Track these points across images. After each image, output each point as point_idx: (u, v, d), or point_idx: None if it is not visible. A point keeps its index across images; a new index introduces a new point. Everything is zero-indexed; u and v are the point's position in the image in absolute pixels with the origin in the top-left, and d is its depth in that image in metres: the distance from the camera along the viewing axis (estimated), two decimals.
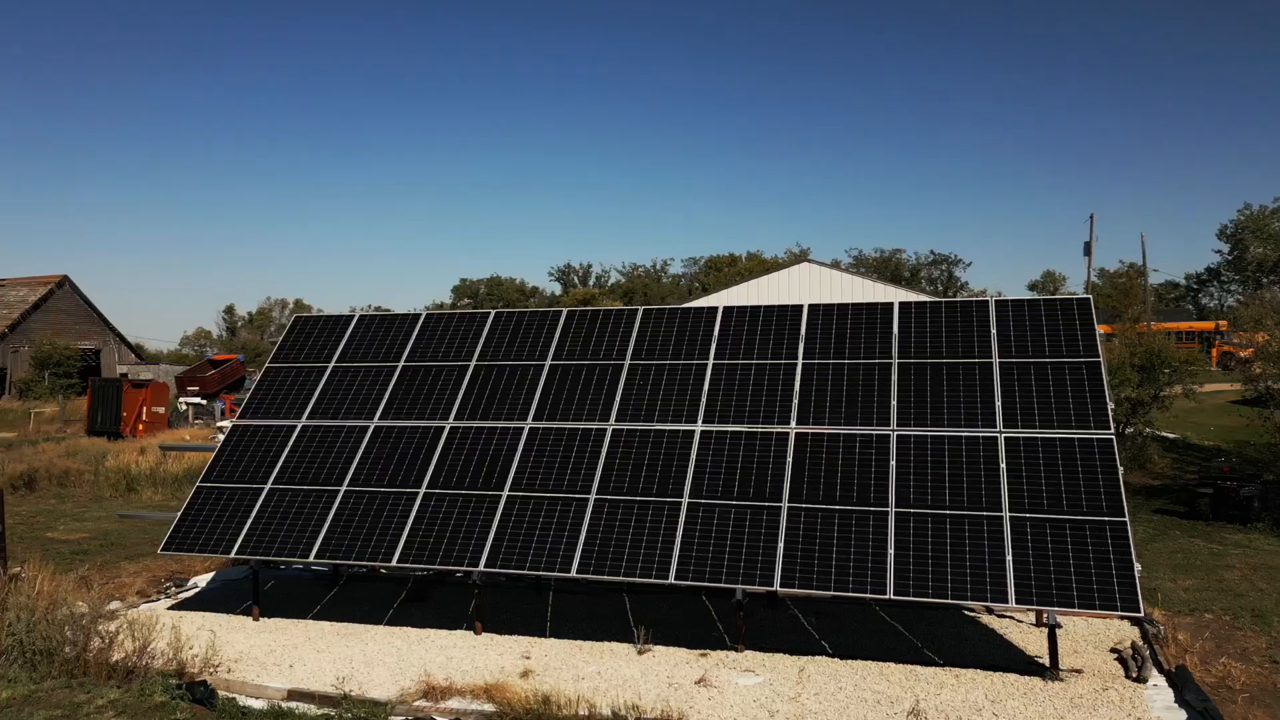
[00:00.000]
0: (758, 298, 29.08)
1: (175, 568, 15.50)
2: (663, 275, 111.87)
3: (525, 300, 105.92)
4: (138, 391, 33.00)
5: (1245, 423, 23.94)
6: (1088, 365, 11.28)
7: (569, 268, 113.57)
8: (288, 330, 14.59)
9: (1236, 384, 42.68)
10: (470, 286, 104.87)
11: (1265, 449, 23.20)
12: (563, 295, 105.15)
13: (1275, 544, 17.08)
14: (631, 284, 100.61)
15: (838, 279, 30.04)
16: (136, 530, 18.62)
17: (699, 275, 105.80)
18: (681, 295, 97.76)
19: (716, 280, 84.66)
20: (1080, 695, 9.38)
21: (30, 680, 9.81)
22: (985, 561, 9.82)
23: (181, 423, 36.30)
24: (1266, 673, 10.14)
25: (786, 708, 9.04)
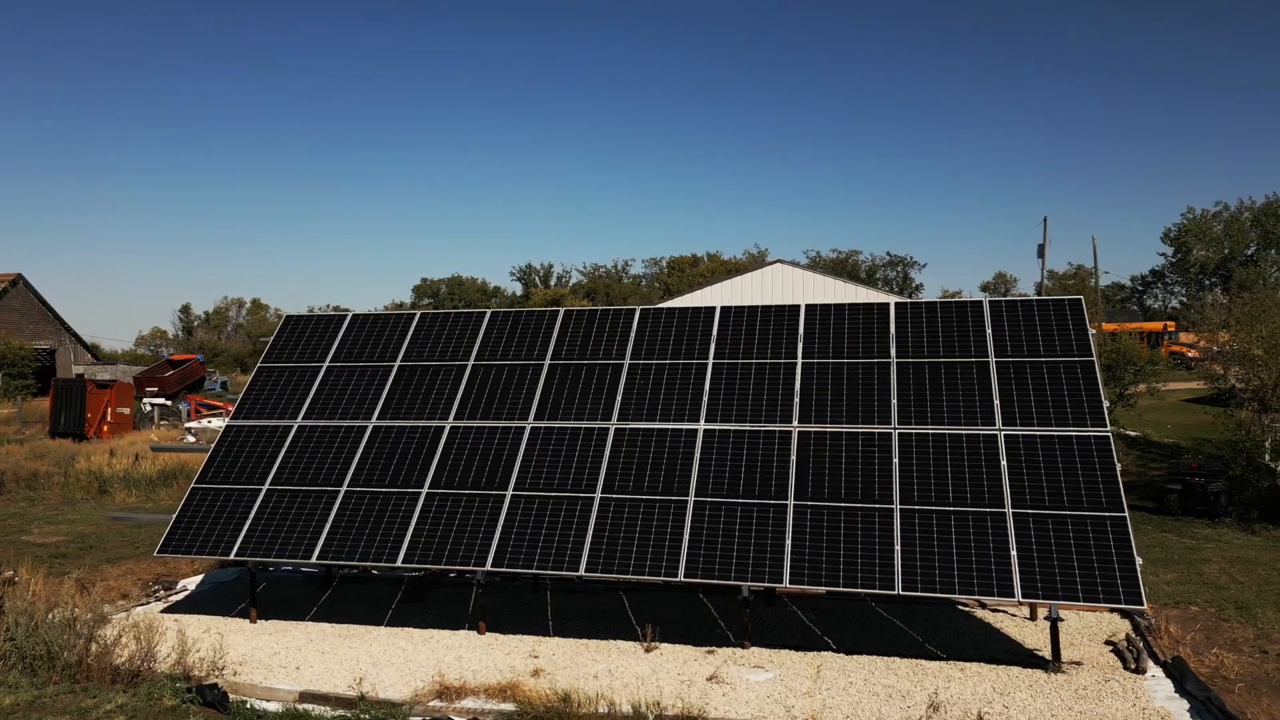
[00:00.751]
0: (733, 298, 29.24)
1: (161, 570, 15.28)
2: (624, 275, 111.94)
3: (487, 300, 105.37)
4: (102, 392, 32.34)
5: (1209, 420, 24.56)
6: (1082, 364, 11.54)
7: (530, 268, 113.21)
8: (279, 330, 14.44)
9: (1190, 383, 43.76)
10: (431, 286, 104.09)
11: (1225, 446, 23.82)
12: (523, 296, 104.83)
13: (1244, 538, 17.57)
14: (593, 284, 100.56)
15: (810, 279, 30.33)
16: (115, 533, 18.30)
17: (660, 276, 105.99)
18: (644, 296, 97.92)
19: (680, 281, 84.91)
20: (1084, 687, 9.60)
21: (32, 686, 9.64)
22: (990, 557, 10.01)
23: (146, 424, 35.65)
24: (1258, 662, 10.45)
25: (802, 703, 9.16)
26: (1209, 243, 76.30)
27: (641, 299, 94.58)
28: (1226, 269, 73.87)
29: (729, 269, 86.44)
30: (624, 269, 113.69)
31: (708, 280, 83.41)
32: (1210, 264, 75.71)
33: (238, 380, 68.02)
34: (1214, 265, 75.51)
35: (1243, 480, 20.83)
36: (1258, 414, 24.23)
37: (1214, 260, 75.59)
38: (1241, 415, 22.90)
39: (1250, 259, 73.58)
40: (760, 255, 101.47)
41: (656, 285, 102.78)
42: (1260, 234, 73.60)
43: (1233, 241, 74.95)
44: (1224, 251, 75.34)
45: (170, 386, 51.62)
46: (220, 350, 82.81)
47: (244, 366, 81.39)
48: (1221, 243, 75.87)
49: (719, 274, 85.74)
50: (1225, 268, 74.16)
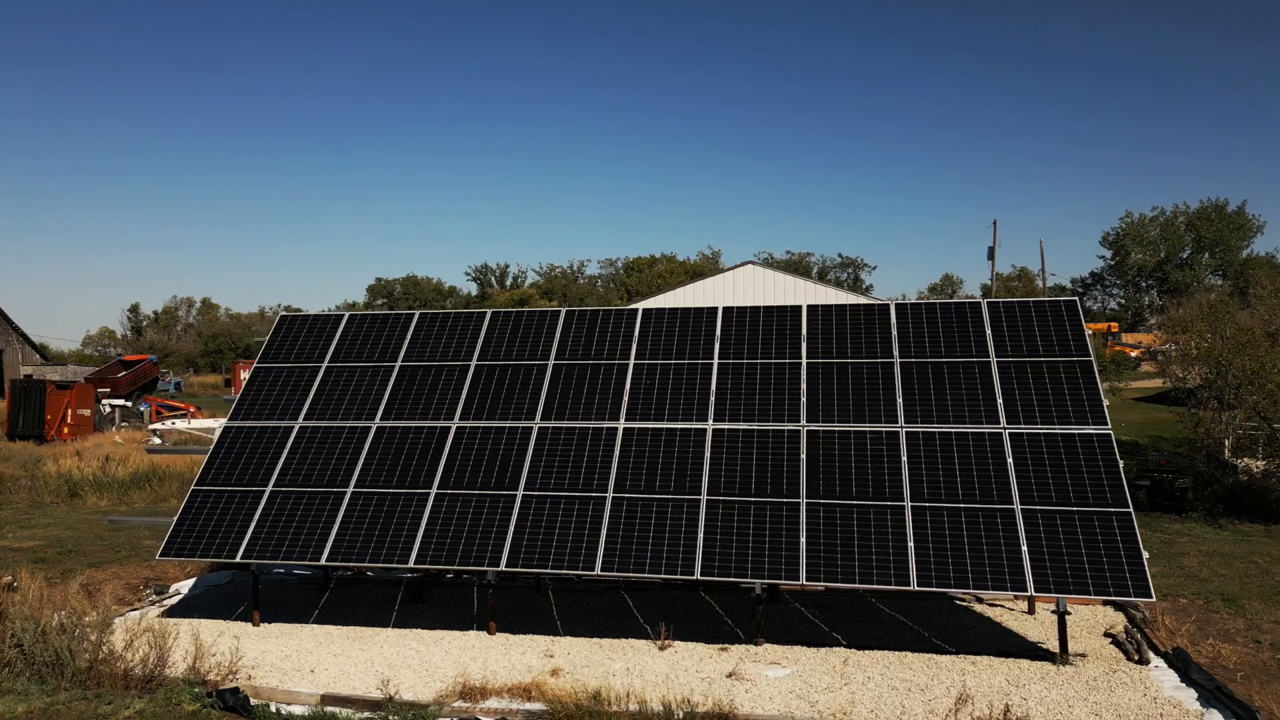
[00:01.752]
0: (706, 298, 29.35)
1: (148, 574, 14.99)
2: (579, 276, 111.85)
3: (443, 300, 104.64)
4: (62, 393, 31.55)
5: (1165, 418, 25.24)
6: (1080, 364, 11.83)
7: (486, 268, 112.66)
8: (274, 330, 14.25)
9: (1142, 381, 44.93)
10: (386, 286, 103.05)
11: (1184, 443, 24.51)
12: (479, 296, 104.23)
13: (1214, 532, 18.10)
14: (550, 284, 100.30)
15: (781, 280, 30.58)
16: (93, 536, 17.91)
17: (617, 276, 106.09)
18: (601, 297, 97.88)
19: (639, 282, 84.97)
20: (1093, 678, 9.85)
21: (42, 693, 9.42)
22: (1002, 552, 10.23)
23: (106, 426, 34.86)
24: (1253, 652, 10.80)
25: (826, 698, 9.28)
26: (1146, 246, 78.30)
27: (599, 300, 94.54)
28: (1163, 271, 75.92)
29: (687, 270, 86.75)
30: (580, 269, 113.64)
31: (667, 281, 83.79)
32: (1147, 267, 77.70)
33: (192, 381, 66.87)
34: (1151, 268, 77.52)
35: (1208, 477, 21.45)
36: (1217, 412, 25.01)
37: (1151, 263, 77.61)
38: (1202, 415, 23.60)
39: (1185, 262, 75.70)
40: (715, 256, 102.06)
41: (612, 286, 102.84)
42: (1194, 238, 75.76)
43: (1169, 245, 77.01)
44: (1160, 254, 77.39)
45: (123, 387, 50.47)
46: (171, 350, 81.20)
47: (196, 367, 79.99)
48: (1158, 246, 77.89)
49: (677, 275, 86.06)
50: (1162, 270, 76.20)
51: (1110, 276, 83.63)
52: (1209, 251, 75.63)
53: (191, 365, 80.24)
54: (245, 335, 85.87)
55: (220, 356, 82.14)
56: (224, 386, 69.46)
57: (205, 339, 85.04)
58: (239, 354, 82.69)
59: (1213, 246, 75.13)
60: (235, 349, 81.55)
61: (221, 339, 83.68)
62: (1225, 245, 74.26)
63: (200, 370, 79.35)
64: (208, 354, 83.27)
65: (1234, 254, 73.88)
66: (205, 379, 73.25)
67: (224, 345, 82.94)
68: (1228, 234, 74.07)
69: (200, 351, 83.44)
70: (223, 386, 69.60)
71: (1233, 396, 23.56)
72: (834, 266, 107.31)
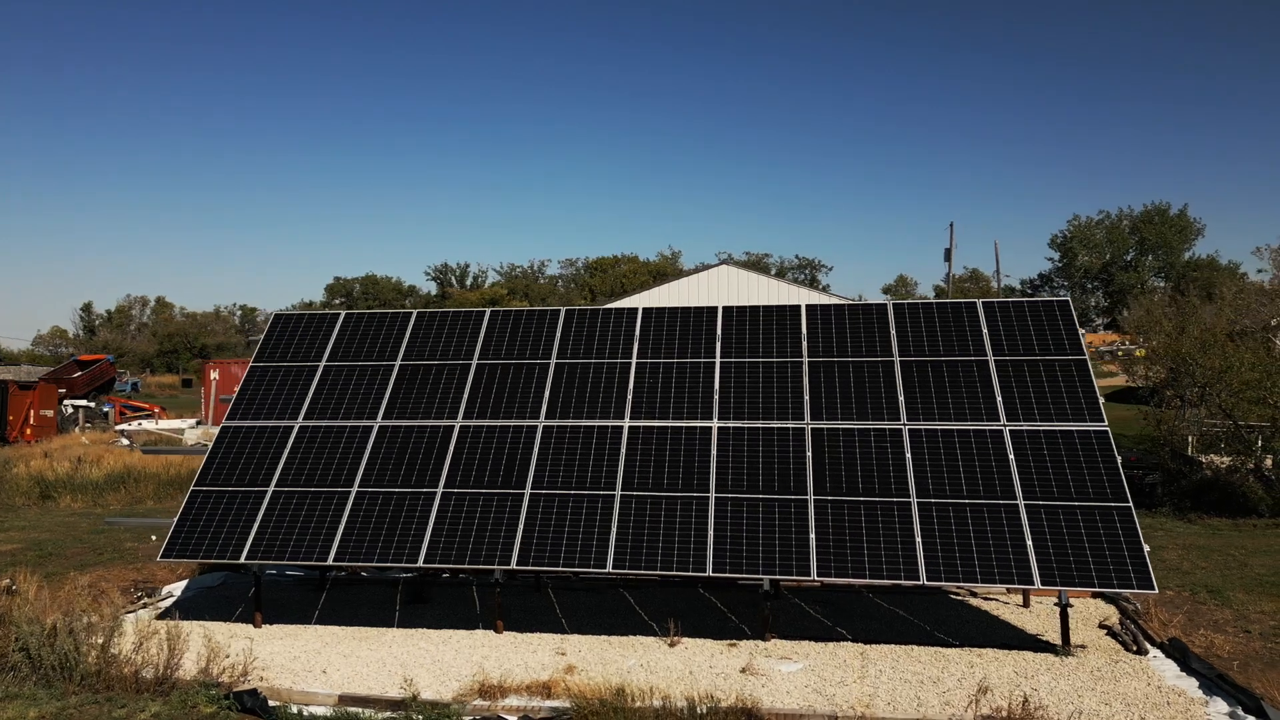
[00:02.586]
0: (682, 298, 29.49)
1: (136, 576, 14.78)
2: (540, 276, 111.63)
3: (402, 300, 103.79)
4: (25, 394, 30.84)
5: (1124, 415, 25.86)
6: (1076, 362, 12.11)
7: (446, 267, 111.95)
8: (269, 328, 14.11)
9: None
10: (345, 285, 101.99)
11: (1145, 440, 25.11)
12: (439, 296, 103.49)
13: (1185, 526, 18.59)
14: (512, 284, 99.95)
15: (755, 280, 30.83)
16: (72, 539, 17.61)
17: (577, 277, 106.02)
18: (563, 297, 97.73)
19: (603, 282, 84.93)
20: (1097, 669, 10.10)
21: (51, 698, 9.28)
22: (1008, 546, 10.45)
23: (70, 426, 34.14)
24: (1244, 641, 11.14)
25: (842, 692, 9.42)
26: (1092, 248, 80.00)
27: (561, 300, 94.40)
28: (1108, 273, 77.63)
29: (650, 271, 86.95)
30: (541, 269, 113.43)
31: (631, 281, 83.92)
32: (1093, 268, 79.38)
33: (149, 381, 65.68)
34: (1097, 270, 79.21)
35: (1176, 472, 22.00)
36: (1180, 410, 25.66)
37: (1096, 265, 79.31)
38: (1164, 414, 24.22)
39: (1130, 264, 77.49)
40: (674, 257, 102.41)
41: (574, 286, 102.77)
42: (1138, 240, 77.55)
43: (1114, 247, 78.75)
44: (1106, 257, 79.11)
45: (79, 388, 49.44)
46: (126, 350, 79.61)
47: (152, 367, 78.54)
48: (1103, 248, 79.60)
49: (640, 275, 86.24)
50: (1107, 272, 77.92)
51: (1058, 278, 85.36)
52: (1152, 253, 77.46)
53: (147, 365, 78.74)
54: (201, 335, 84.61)
55: (176, 356, 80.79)
56: (182, 387, 68.35)
57: (161, 339, 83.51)
58: (196, 353, 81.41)
59: (1156, 249, 76.97)
60: (191, 349, 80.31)
61: (177, 339, 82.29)
62: (1168, 247, 76.10)
63: (156, 370, 77.88)
64: (163, 354, 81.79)
65: (1176, 256, 75.75)
66: (162, 379, 71.96)
67: (180, 345, 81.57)
68: (1170, 236, 75.91)
69: (156, 351, 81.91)
70: (180, 387, 68.48)
71: (1195, 395, 24.22)
72: (792, 268, 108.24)
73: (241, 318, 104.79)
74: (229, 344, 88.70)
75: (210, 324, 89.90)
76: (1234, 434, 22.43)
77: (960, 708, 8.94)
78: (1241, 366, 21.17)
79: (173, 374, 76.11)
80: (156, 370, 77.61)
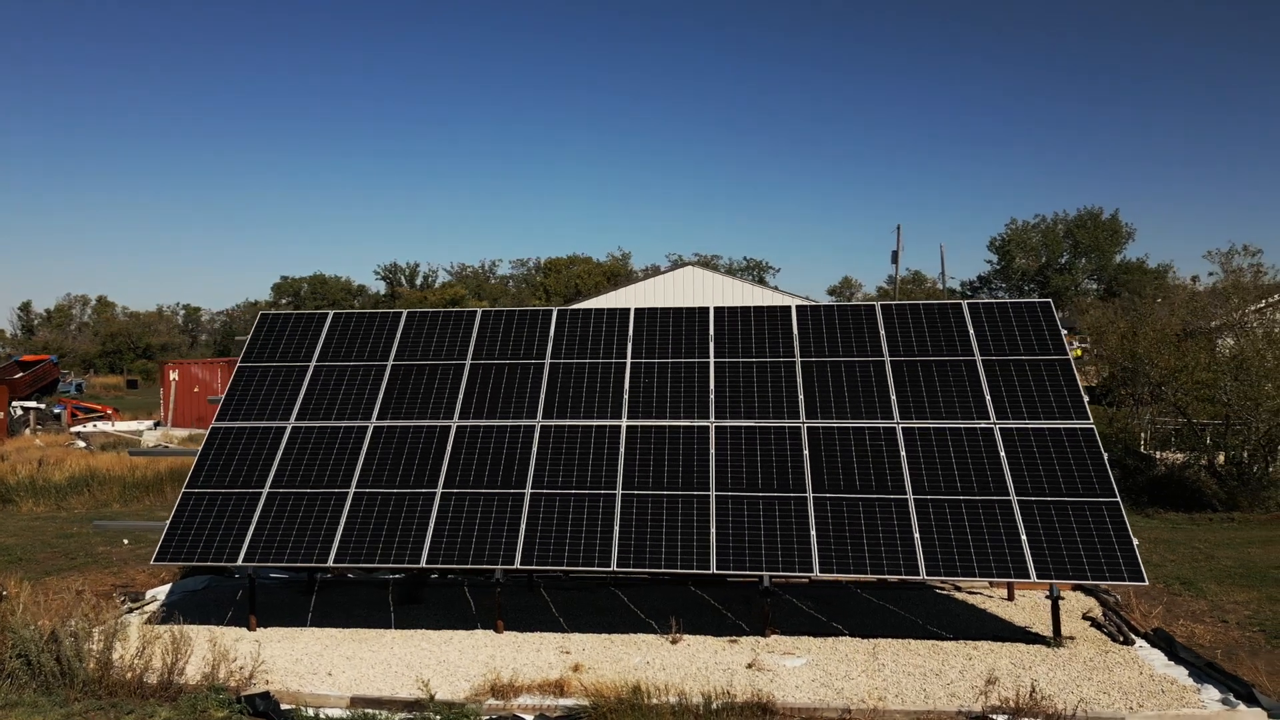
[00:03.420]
0: (648, 299, 29.63)
1: (114, 580, 14.50)
2: (491, 276, 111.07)
3: (351, 300, 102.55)
4: None
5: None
6: (1060, 363, 12.46)
7: (395, 266, 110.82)
8: (255, 328, 13.94)
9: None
10: (292, 285, 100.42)
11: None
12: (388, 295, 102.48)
13: (1144, 520, 19.16)
14: (463, 284, 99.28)
15: (719, 281, 31.09)
16: (40, 543, 17.22)
17: (530, 277, 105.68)
18: (514, 297, 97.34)
19: (557, 283, 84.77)
20: (1090, 659, 10.42)
21: (53, 705, 9.10)
22: (1003, 541, 10.74)
23: (20, 429, 33.22)
24: (1223, 631, 11.56)
25: (850, 686, 9.60)
26: (1028, 251, 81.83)
27: (514, 300, 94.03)
28: (1044, 275, 79.48)
29: (603, 272, 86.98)
30: (492, 269, 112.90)
31: (585, 282, 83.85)
32: (1030, 271, 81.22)
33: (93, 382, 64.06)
34: (1033, 272, 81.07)
35: (1133, 468, 22.66)
36: (1134, 408, 26.40)
37: (1033, 267, 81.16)
38: (1117, 413, 24.95)
39: (1064, 267, 79.44)
40: (625, 258, 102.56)
41: (526, 286, 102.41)
42: (1072, 244, 79.56)
43: (1049, 251, 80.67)
44: (1041, 260, 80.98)
45: (22, 389, 48.17)
46: (68, 350, 77.54)
47: (95, 368, 76.59)
48: (1039, 251, 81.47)
49: (594, 276, 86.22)
50: (1043, 274, 79.77)
51: (996, 280, 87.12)
52: (1085, 257, 79.43)
53: (90, 366, 76.78)
54: (145, 335, 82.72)
55: (120, 357, 78.90)
56: (127, 388, 66.80)
57: (104, 338, 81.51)
58: (140, 354, 79.62)
59: (1089, 252, 78.94)
60: (135, 349, 78.49)
61: (120, 338, 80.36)
62: (1100, 251, 78.09)
63: (99, 371, 75.97)
64: (106, 354, 79.81)
65: (1108, 259, 77.79)
66: (106, 380, 70.23)
67: (123, 345, 79.68)
68: (1102, 240, 77.91)
69: (99, 352, 79.91)
70: (125, 388, 66.92)
71: (1148, 393, 24.97)
72: (740, 269, 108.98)
73: (185, 317, 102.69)
74: (173, 344, 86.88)
75: (154, 324, 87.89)
76: (1187, 431, 23.14)
77: (965, 699, 9.17)
78: (1196, 366, 21.87)
79: (116, 374, 74.33)
80: (99, 371, 75.71)
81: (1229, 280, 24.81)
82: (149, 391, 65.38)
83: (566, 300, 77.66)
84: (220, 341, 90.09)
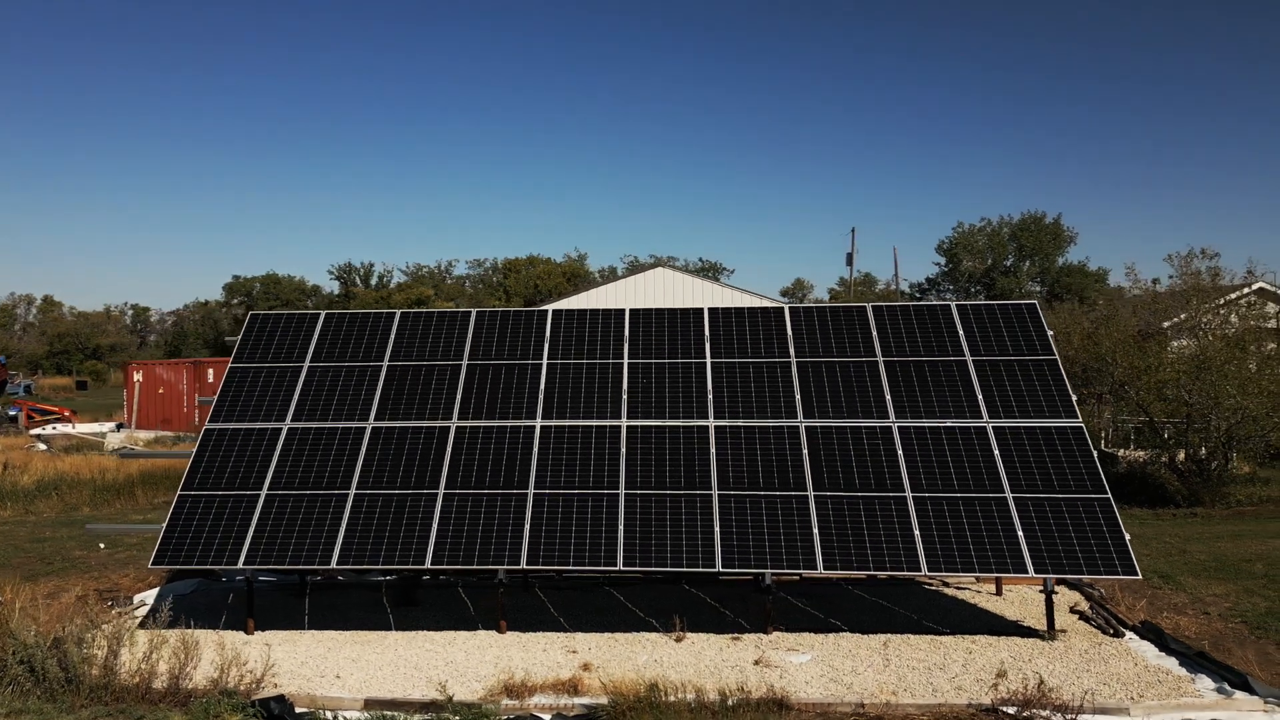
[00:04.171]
0: (620, 300, 29.69)
1: (96, 585, 14.23)
2: (447, 276, 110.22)
3: (305, 300, 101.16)
4: None
5: None
6: (1048, 363, 12.78)
7: (349, 266, 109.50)
8: (245, 329, 13.79)
9: None
10: (244, 284, 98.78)
11: None
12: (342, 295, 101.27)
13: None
14: (419, 283, 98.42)
15: (690, 283, 31.28)
16: (11, 548, 16.83)
17: (487, 277, 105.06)
18: (472, 298, 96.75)
19: (517, 283, 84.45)
20: (1084, 651, 10.71)
21: (60, 711, 8.95)
22: (1000, 537, 10.99)
23: None
24: (1206, 622, 11.93)
25: (858, 680, 9.77)
26: (975, 254, 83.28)
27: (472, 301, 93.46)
28: (990, 278, 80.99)
29: (563, 273, 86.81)
30: (448, 269, 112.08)
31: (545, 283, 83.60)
32: (976, 273, 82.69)
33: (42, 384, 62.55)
34: (980, 275, 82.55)
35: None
36: (1095, 407, 27.03)
37: (979, 270, 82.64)
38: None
39: (1009, 269, 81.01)
40: (581, 259, 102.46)
41: (483, 286, 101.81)
42: (1016, 247, 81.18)
43: (995, 253, 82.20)
44: (987, 262, 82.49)
45: None
46: (13, 350, 75.55)
47: (41, 369, 74.75)
48: (985, 254, 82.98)
49: (554, 276, 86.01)
50: (989, 276, 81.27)
51: (944, 282, 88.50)
52: (1030, 259, 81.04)
53: (37, 367, 74.92)
54: (94, 335, 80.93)
55: (67, 357, 77.11)
56: (76, 389, 65.34)
57: (51, 339, 79.61)
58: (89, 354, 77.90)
59: (1033, 255, 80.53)
60: (84, 349, 76.78)
61: (68, 339, 78.54)
62: (1043, 254, 79.70)
63: (46, 372, 74.17)
64: (53, 354, 77.95)
65: (1051, 262, 79.42)
66: (55, 381, 68.61)
67: (71, 345, 77.88)
68: (1046, 243, 79.52)
69: (46, 352, 78.02)
70: (75, 389, 65.44)
71: (1109, 392, 25.58)
72: (695, 270, 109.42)
73: (133, 317, 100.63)
74: (122, 344, 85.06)
75: (102, 324, 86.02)
76: (1150, 429, 23.75)
77: (973, 692, 9.38)
78: (1159, 366, 22.46)
79: (64, 375, 72.64)
80: (46, 372, 73.92)
81: (1189, 283, 25.47)
82: (99, 393, 64.03)
83: (528, 301, 77.43)
84: (170, 342, 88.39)
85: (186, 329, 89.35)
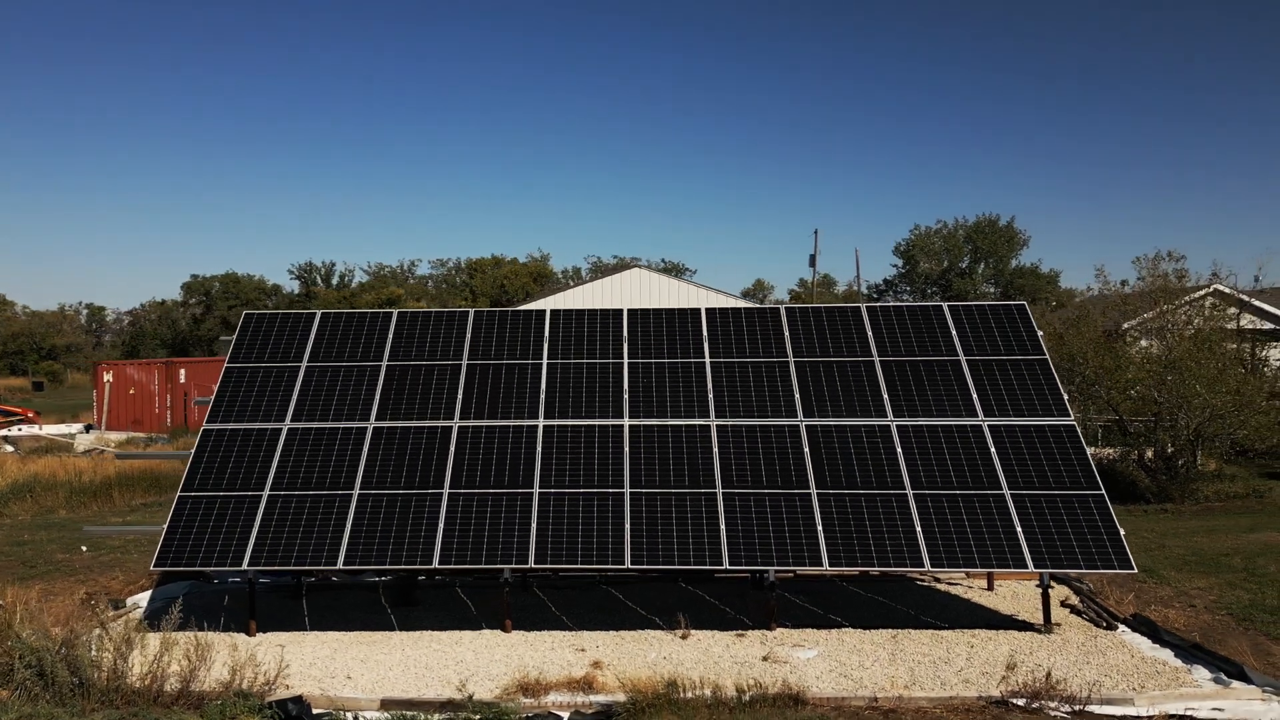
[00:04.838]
0: (597, 300, 29.75)
1: (84, 588, 14.02)
2: (410, 275, 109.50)
3: (265, 300, 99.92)
4: None
5: None
6: (1039, 362, 13.06)
7: (310, 265, 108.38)
8: (240, 328, 13.67)
9: None
10: (203, 284, 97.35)
11: None
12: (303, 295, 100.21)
13: None
14: (385, 283, 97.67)
15: (666, 283, 31.43)
16: None
17: (450, 277, 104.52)
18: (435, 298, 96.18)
19: (484, 283, 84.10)
20: (1082, 644, 10.98)
21: (71, 715, 8.85)
22: (1000, 533, 11.23)
23: None
24: (1194, 615, 12.26)
25: (867, 675, 9.94)
26: (931, 256, 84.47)
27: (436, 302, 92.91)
28: (946, 279, 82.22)
29: (529, 273, 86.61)
30: (410, 269, 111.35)
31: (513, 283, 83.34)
32: (933, 274, 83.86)
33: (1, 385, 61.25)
34: (936, 276, 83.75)
35: None
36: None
37: (936, 271, 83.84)
38: None
39: (965, 271, 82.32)
40: (544, 259, 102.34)
41: (446, 286, 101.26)
42: (972, 249, 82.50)
43: (951, 255, 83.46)
44: (944, 264, 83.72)
45: None
46: None
47: None
48: (941, 256, 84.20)
49: (520, 277, 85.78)
50: (945, 278, 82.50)
51: (902, 283, 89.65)
52: (984, 261, 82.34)
53: None
54: (49, 335, 79.35)
55: (21, 358, 75.53)
56: (33, 390, 64.04)
57: (4, 339, 77.94)
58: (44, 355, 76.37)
59: (987, 257, 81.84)
60: (39, 350, 75.28)
61: (22, 339, 76.94)
62: (997, 256, 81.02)
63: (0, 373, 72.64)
64: (7, 355, 76.34)
65: (1005, 264, 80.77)
66: (9, 382, 67.17)
67: (25, 346, 76.30)
68: (1000, 245, 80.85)
69: None
70: (31, 390, 64.13)
71: (1077, 390, 26.11)
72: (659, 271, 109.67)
73: (89, 317, 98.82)
74: (78, 345, 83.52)
75: (56, 323, 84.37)
76: (1116, 428, 24.27)
77: (981, 685, 9.59)
78: (1127, 366, 22.98)
79: (19, 376, 71.14)
80: (0, 373, 72.40)
81: (1156, 284, 26.09)
82: (56, 394, 62.85)
83: (494, 301, 77.18)
84: (128, 342, 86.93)
85: (144, 329, 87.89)
